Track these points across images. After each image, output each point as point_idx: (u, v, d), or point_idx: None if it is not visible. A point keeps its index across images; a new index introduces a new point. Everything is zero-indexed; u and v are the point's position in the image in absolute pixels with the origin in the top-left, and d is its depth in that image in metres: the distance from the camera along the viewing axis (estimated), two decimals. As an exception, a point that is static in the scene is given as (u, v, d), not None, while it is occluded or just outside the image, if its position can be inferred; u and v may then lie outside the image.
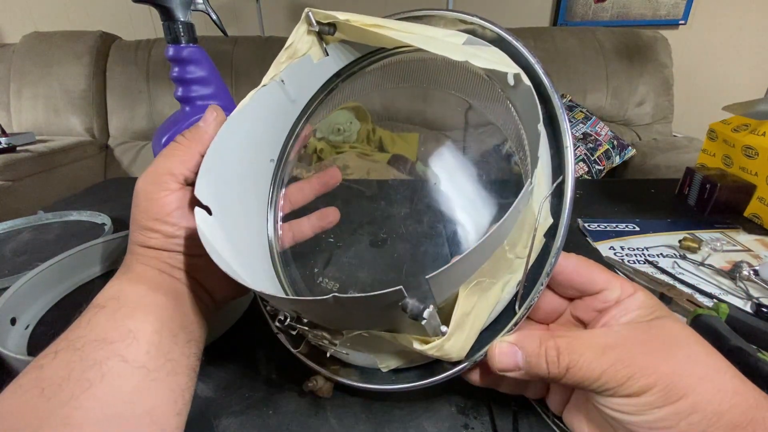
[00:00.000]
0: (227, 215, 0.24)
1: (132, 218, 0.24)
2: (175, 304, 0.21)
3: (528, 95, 0.22)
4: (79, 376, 0.16)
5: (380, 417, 0.25)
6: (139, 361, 0.18)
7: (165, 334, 0.19)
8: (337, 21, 0.27)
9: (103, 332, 0.18)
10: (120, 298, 0.20)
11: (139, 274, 0.22)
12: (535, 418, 0.24)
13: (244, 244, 0.26)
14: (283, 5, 2.00)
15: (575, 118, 1.59)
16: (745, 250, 0.44)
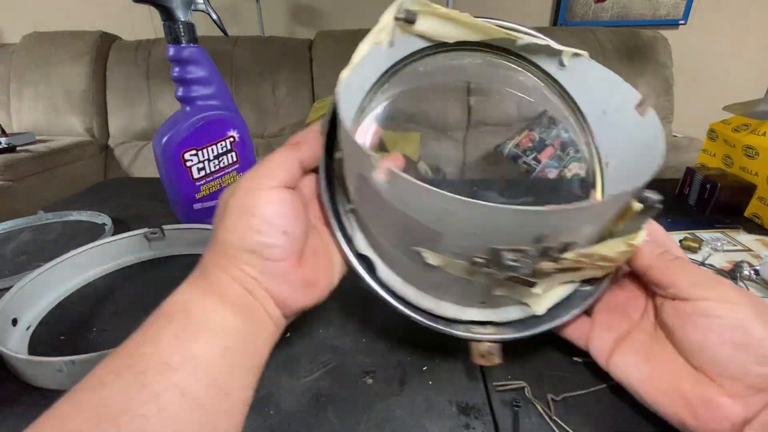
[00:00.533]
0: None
1: (223, 216, 0.22)
2: (244, 325, 0.21)
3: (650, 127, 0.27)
4: (136, 411, 0.16)
5: (381, 417, 0.25)
6: (197, 398, 0.17)
7: (227, 361, 0.19)
8: (424, 10, 0.28)
9: (167, 354, 0.18)
10: (189, 311, 0.20)
11: (212, 282, 0.21)
12: (536, 418, 0.24)
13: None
14: (283, 5, 2.00)
15: (575, 118, 1.59)
16: (746, 249, 0.44)
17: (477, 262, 0.21)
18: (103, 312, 0.35)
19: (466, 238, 0.20)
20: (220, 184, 0.49)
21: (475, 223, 0.20)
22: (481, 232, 0.20)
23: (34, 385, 0.28)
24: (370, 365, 0.29)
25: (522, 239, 0.20)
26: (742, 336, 0.20)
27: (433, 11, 0.28)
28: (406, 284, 0.26)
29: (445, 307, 0.26)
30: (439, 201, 0.19)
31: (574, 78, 0.31)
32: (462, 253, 0.21)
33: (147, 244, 0.44)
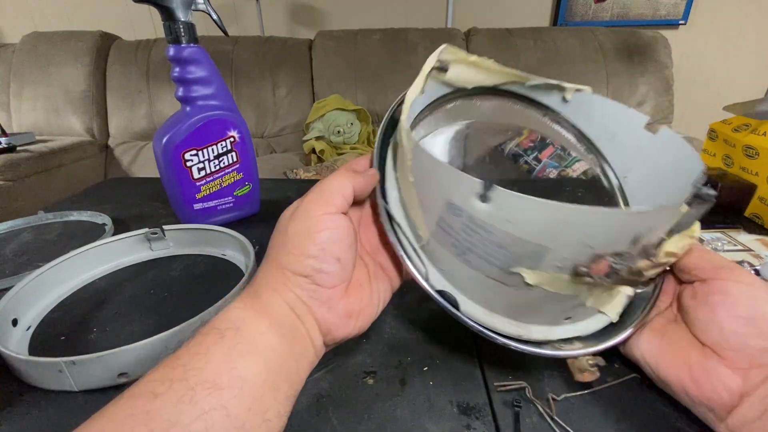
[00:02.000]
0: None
1: (282, 238, 0.23)
2: (287, 349, 0.21)
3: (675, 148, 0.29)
4: (186, 427, 0.17)
5: (382, 417, 0.25)
6: (240, 420, 0.18)
7: (269, 385, 0.20)
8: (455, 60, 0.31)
9: (216, 372, 0.18)
10: (240, 330, 0.20)
11: (265, 303, 0.22)
12: (537, 418, 0.24)
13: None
14: (283, 5, 2.00)
15: (575, 118, 1.59)
16: (746, 249, 0.44)
17: (581, 272, 0.22)
18: (103, 312, 0.35)
19: (571, 247, 0.21)
20: (220, 184, 0.49)
21: (582, 230, 0.20)
22: (589, 240, 0.21)
23: (34, 385, 0.28)
24: (370, 366, 0.29)
25: (621, 242, 0.21)
26: (751, 310, 0.22)
27: (463, 60, 0.31)
28: (491, 314, 0.26)
29: (532, 330, 0.26)
30: (551, 212, 0.20)
31: (578, 110, 0.35)
32: (565, 266, 0.22)
33: (147, 244, 0.44)
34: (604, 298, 0.26)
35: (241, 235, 0.41)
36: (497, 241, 0.22)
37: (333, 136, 1.57)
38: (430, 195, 0.24)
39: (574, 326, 0.27)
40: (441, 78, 0.32)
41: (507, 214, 0.21)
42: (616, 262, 0.21)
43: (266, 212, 0.56)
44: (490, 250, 0.23)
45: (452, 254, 0.25)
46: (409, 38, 1.76)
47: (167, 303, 0.37)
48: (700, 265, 0.25)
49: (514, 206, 0.21)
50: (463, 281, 0.26)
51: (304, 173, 1.35)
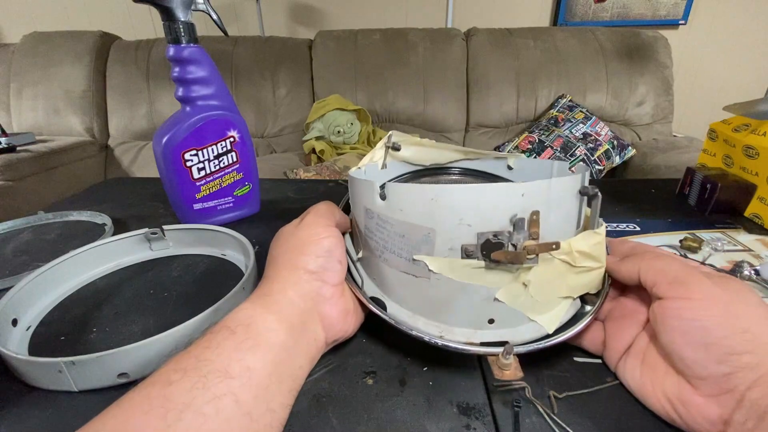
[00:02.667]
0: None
1: (289, 242, 0.28)
2: (293, 344, 0.23)
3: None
4: (198, 409, 0.18)
5: (382, 417, 0.25)
6: (247, 406, 0.19)
7: (275, 378, 0.21)
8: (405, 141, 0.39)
9: (227, 362, 0.20)
10: (250, 327, 0.22)
11: (275, 301, 0.24)
12: (537, 418, 0.24)
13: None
14: (283, 5, 2.00)
15: (575, 118, 1.59)
16: (746, 249, 0.44)
17: (469, 252, 0.24)
18: (103, 312, 0.35)
19: (453, 227, 0.24)
20: (220, 184, 0.49)
21: (457, 208, 0.23)
22: (465, 218, 0.23)
23: (34, 385, 0.28)
24: (370, 366, 0.29)
25: (500, 220, 0.23)
26: (704, 336, 0.21)
27: (409, 141, 0.39)
28: (414, 316, 0.28)
29: (455, 332, 0.27)
30: (424, 193, 0.24)
31: (520, 173, 0.41)
32: (455, 248, 0.24)
33: (147, 244, 0.44)
34: (538, 307, 0.26)
35: (241, 235, 0.41)
36: (398, 231, 0.26)
37: (333, 136, 1.57)
38: (356, 210, 0.30)
39: (501, 331, 0.27)
40: (398, 156, 0.39)
41: (397, 203, 0.25)
42: (497, 240, 0.23)
43: (266, 212, 0.56)
44: (396, 242, 0.26)
45: (376, 258, 0.29)
46: (409, 38, 1.76)
47: (167, 303, 0.37)
48: (657, 280, 0.24)
49: (400, 195, 0.25)
50: (388, 284, 0.29)
51: (304, 173, 1.35)
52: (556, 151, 1.54)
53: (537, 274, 0.25)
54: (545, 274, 0.25)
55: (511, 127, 1.77)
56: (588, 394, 0.26)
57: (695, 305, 0.22)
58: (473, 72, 1.74)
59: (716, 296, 0.22)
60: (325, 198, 0.36)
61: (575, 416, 0.25)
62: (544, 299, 0.26)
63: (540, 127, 1.62)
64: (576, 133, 1.55)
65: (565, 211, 0.26)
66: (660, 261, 0.25)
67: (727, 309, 0.21)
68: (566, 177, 0.25)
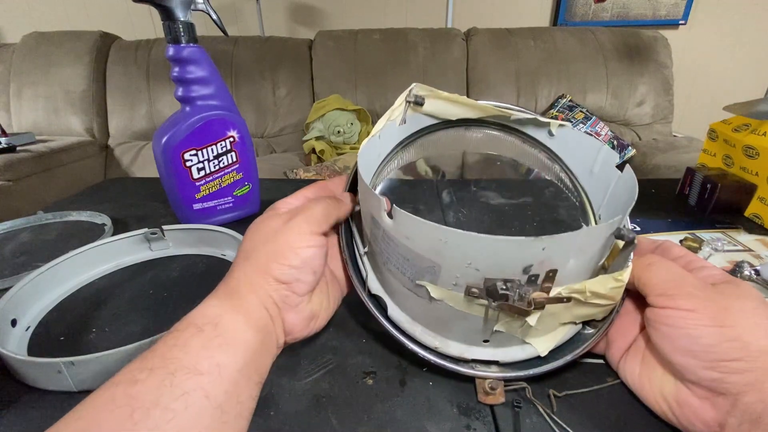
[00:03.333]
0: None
1: (266, 242, 0.26)
2: (259, 344, 0.23)
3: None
4: (167, 405, 0.18)
5: (382, 418, 0.25)
6: (218, 400, 0.19)
7: (244, 374, 0.21)
8: (430, 95, 0.33)
9: (195, 360, 0.20)
10: (218, 326, 0.22)
11: (242, 303, 0.23)
12: (537, 418, 0.24)
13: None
14: (283, 5, 2.00)
15: (575, 118, 1.59)
16: (746, 250, 0.44)
17: (473, 292, 0.23)
18: (102, 312, 0.35)
19: (461, 268, 0.22)
20: (220, 184, 0.49)
21: (467, 253, 0.22)
22: (474, 263, 0.22)
23: (33, 385, 0.28)
24: (370, 366, 0.29)
25: (512, 269, 0.21)
26: (692, 342, 0.21)
27: (437, 95, 0.32)
28: (413, 323, 0.28)
29: (450, 345, 0.27)
30: (433, 233, 0.22)
31: (562, 144, 0.35)
32: (459, 285, 0.23)
33: (147, 244, 0.44)
34: (532, 330, 0.25)
35: (240, 235, 0.41)
36: (402, 253, 0.25)
37: (333, 136, 1.57)
38: (365, 210, 0.28)
39: (493, 350, 0.27)
40: (421, 111, 0.33)
41: (405, 230, 0.23)
42: (505, 288, 0.22)
43: (266, 212, 0.56)
44: (400, 261, 0.25)
45: (380, 263, 0.28)
46: (409, 38, 1.76)
47: (166, 303, 0.37)
48: (647, 291, 0.24)
49: (408, 224, 0.23)
50: (391, 288, 0.28)
51: (304, 173, 1.35)
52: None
53: (541, 314, 0.24)
54: (550, 310, 0.24)
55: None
56: (588, 395, 0.26)
57: (683, 315, 0.22)
58: (473, 72, 1.73)
59: (705, 307, 0.22)
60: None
61: (575, 416, 0.25)
62: (544, 328, 0.26)
63: (540, 127, 1.62)
64: (576, 133, 1.55)
65: (589, 257, 0.23)
66: (650, 272, 0.25)
67: (716, 319, 0.21)
68: (600, 226, 0.22)
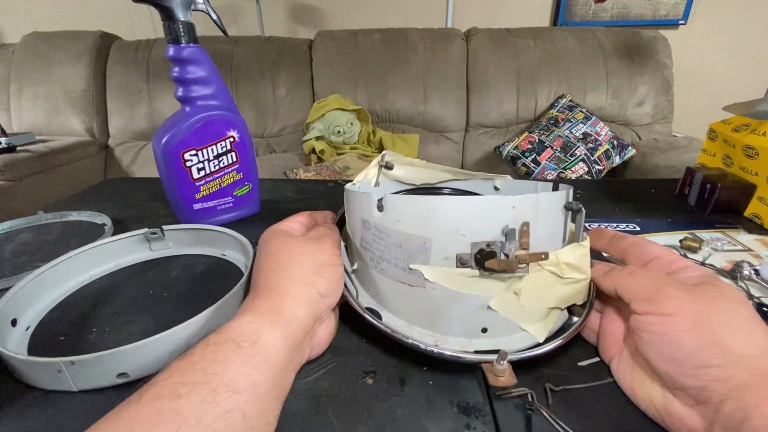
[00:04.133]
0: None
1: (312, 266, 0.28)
2: (289, 361, 0.24)
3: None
4: (210, 424, 0.18)
5: (382, 417, 0.25)
6: (251, 420, 0.20)
7: (273, 394, 0.22)
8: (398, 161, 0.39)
9: (235, 377, 0.20)
10: (256, 343, 0.22)
11: (286, 317, 0.24)
12: (537, 417, 0.24)
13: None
14: (283, 5, 2.00)
15: (575, 118, 1.59)
16: (746, 249, 0.44)
17: (464, 261, 0.25)
18: (102, 312, 0.35)
19: (449, 237, 0.25)
20: (220, 184, 0.49)
21: (452, 218, 0.25)
22: (460, 228, 0.25)
23: (33, 385, 0.28)
24: (370, 365, 0.29)
25: (493, 231, 0.25)
26: (673, 350, 0.21)
27: (401, 160, 0.40)
28: (410, 326, 0.29)
29: (450, 341, 0.28)
30: (421, 204, 0.25)
31: (508, 193, 0.41)
32: (450, 258, 0.26)
33: (147, 244, 0.44)
34: (529, 317, 0.27)
35: (240, 235, 0.41)
36: (395, 241, 0.27)
37: (333, 136, 1.57)
38: (353, 222, 0.31)
39: (494, 340, 0.28)
40: (390, 175, 0.40)
41: (395, 214, 0.27)
42: (490, 249, 0.25)
43: (266, 212, 0.56)
44: (393, 252, 0.27)
45: (372, 269, 0.30)
46: (409, 38, 1.76)
47: (167, 303, 0.37)
48: (630, 297, 0.24)
49: (398, 206, 0.27)
50: (383, 295, 0.30)
51: (304, 173, 1.35)
52: (556, 151, 1.53)
53: (527, 284, 0.26)
54: (535, 284, 0.26)
55: (511, 127, 1.77)
56: (590, 395, 0.26)
57: (664, 320, 0.22)
58: (473, 72, 1.73)
59: (686, 309, 0.22)
60: (325, 199, 0.36)
61: (576, 416, 0.24)
62: (534, 309, 0.27)
63: (540, 127, 1.62)
64: (576, 133, 1.55)
65: (552, 224, 0.27)
66: (632, 278, 0.25)
67: (696, 321, 0.21)
68: (553, 192, 0.27)
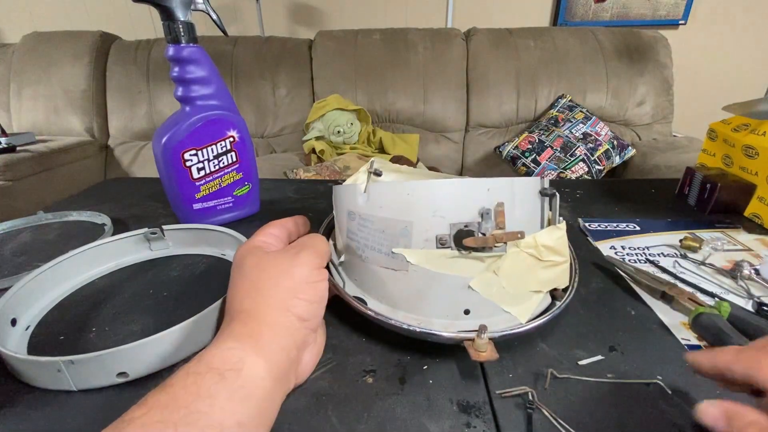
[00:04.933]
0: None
1: (290, 284, 0.25)
2: (275, 392, 0.22)
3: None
4: None
5: (382, 415, 0.25)
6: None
7: (260, 426, 0.21)
8: (386, 168, 0.39)
9: (221, 416, 0.19)
10: (241, 372, 0.20)
11: (266, 345, 0.22)
12: (538, 415, 0.24)
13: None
14: (283, 5, 2.00)
15: (575, 118, 1.59)
16: (746, 249, 0.44)
17: (443, 241, 0.27)
18: (102, 312, 0.35)
19: (429, 220, 0.27)
20: (220, 183, 0.49)
21: (431, 201, 0.27)
22: (439, 210, 0.26)
23: (33, 385, 0.28)
24: (370, 364, 0.29)
25: (470, 213, 0.26)
26: None
27: (389, 167, 0.40)
28: (394, 310, 0.30)
29: (434, 323, 0.29)
30: (401, 189, 0.27)
31: None
32: (429, 239, 0.27)
33: (147, 244, 0.44)
34: (510, 299, 0.28)
35: (240, 235, 0.41)
36: (378, 227, 0.29)
37: (333, 136, 1.57)
38: (340, 217, 0.32)
39: (477, 321, 0.28)
40: (380, 182, 0.40)
41: (378, 201, 0.29)
42: (467, 229, 0.26)
43: (266, 212, 0.56)
44: (376, 238, 0.29)
45: (357, 258, 0.31)
46: (409, 38, 1.76)
47: (166, 303, 0.37)
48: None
49: (381, 193, 0.28)
50: (368, 282, 0.31)
51: (304, 173, 1.35)
52: (556, 151, 1.53)
53: (507, 265, 0.27)
54: (515, 266, 0.28)
55: (511, 127, 1.77)
56: (590, 394, 0.26)
57: None
58: (473, 72, 1.73)
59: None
60: (324, 199, 0.36)
61: (577, 417, 0.24)
62: (516, 291, 0.28)
63: (540, 127, 1.62)
64: (576, 133, 1.55)
65: (529, 208, 0.29)
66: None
67: None
68: (527, 178, 0.28)
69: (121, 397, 0.27)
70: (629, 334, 0.32)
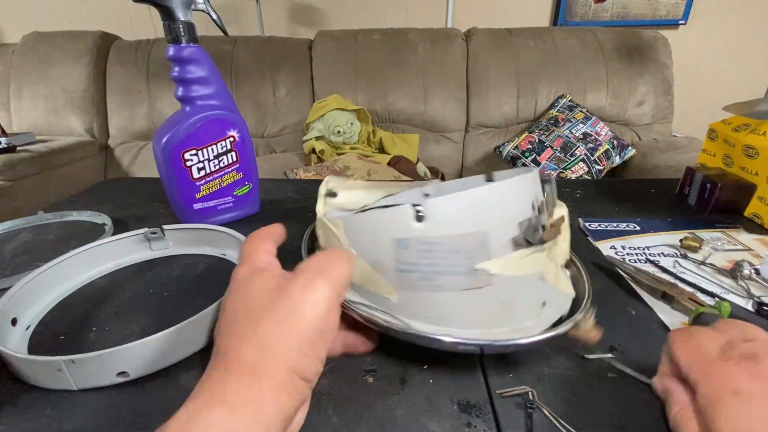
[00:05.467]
0: None
1: (295, 335, 0.20)
2: None
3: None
4: None
5: (382, 415, 0.25)
6: None
7: None
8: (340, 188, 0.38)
9: None
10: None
11: (265, 413, 0.19)
12: (538, 415, 0.24)
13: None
14: (283, 5, 2.00)
15: (575, 118, 1.59)
16: (746, 249, 0.44)
17: (518, 241, 0.26)
18: (102, 311, 0.35)
19: (502, 223, 0.25)
20: (220, 183, 0.49)
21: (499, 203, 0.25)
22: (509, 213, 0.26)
23: (33, 384, 0.28)
24: (370, 364, 0.29)
25: (527, 208, 0.26)
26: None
27: (343, 184, 0.38)
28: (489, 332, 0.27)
29: (530, 327, 0.27)
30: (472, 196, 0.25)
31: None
32: (507, 244, 0.26)
33: (147, 244, 0.44)
34: (560, 277, 0.30)
35: (241, 234, 0.41)
36: (450, 246, 0.25)
37: (333, 136, 1.57)
38: (377, 248, 0.26)
39: (553, 310, 0.29)
40: (335, 204, 0.38)
41: (443, 219, 0.24)
42: (533, 223, 0.26)
43: (266, 212, 0.56)
44: (450, 260, 0.25)
45: (425, 290, 0.26)
46: (409, 38, 1.76)
47: (167, 302, 0.37)
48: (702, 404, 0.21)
49: (445, 209, 0.24)
50: (448, 312, 0.26)
51: (304, 173, 1.35)
52: (556, 151, 1.54)
53: (559, 249, 0.30)
54: (561, 249, 0.30)
55: (511, 127, 1.77)
56: (591, 393, 0.26)
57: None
58: (473, 72, 1.73)
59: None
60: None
61: (577, 417, 0.25)
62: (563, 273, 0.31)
63: (540, 127, 1.62)
64: (576, 133, 1.55)
65: (541, 196, 0.30)
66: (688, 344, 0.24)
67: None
68: (532, 169, 0.29)
69: (122, 396, 0.27)
70: (630, 334, 0.32)
